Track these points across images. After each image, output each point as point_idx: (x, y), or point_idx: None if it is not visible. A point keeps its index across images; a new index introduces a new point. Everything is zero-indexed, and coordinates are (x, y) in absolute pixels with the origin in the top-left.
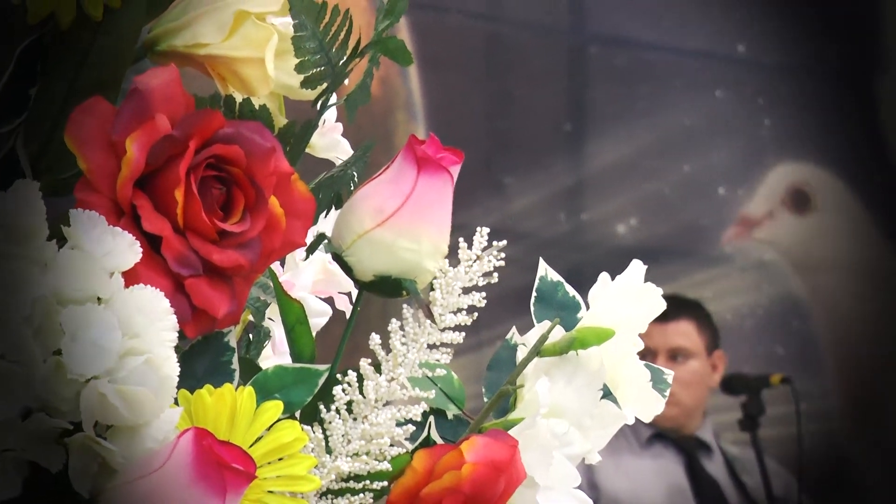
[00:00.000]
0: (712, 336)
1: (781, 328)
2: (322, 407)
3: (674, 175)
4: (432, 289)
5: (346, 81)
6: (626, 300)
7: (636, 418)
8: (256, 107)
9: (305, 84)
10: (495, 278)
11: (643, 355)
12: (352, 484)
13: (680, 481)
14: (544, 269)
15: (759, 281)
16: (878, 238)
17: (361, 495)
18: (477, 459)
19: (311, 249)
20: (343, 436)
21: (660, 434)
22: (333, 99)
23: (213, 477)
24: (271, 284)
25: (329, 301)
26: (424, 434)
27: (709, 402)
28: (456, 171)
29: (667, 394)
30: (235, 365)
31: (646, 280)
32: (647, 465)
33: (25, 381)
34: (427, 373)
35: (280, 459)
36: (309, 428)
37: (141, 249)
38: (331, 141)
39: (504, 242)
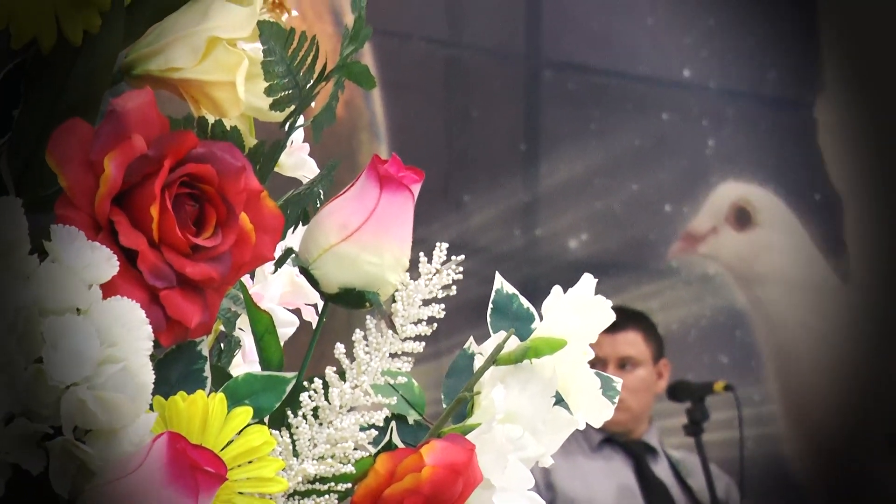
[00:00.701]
0: (658, 345)
1: (724, 338)
2: (289, 412)
3: (623, 193)
4: (394, 301)
5: (313, 104)
6: (578, 312)
7: (587, 423)
8: (228, 128)
9: (274, 106)
10: (454, 291)
11: (593, 364)
12: (318, 486)
13: (629, 483)
14: (500, 282)
15: (703, 293)
16: (815, 253)
17: (327, 496)
18: (436, 462)
19: (279, 263)
20: (309, 440)
21: (610, 438)
22: (301, 120)
23: (186, 478)
24: (241, 296)
25: (296, 312)
26: (386, 438)
27: (655, 408)
28: (417, 188)
29: (616, 400)
30: (207, 372)
31: (596, 293)
32: (598, 468)
33: (9, 388)
34: (389, 380)
35: (249, 462)
36: (277, 432)
37: (118, 263)
38: (298, 160)
39: (462, 257)
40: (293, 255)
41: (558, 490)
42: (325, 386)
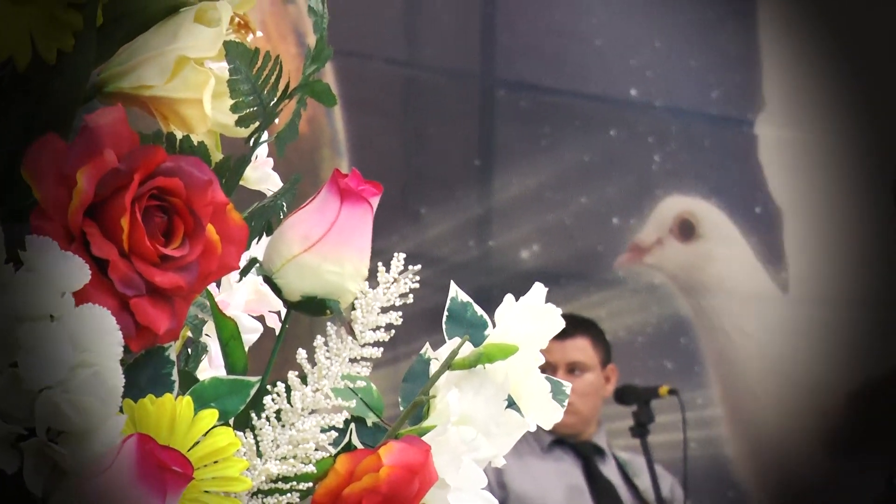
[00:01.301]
0: (606, 351)
1: (669, 344)
2: (253, 415)
3: (573, 206)
4: (354, 308)
5: (277, 121)
6: (529, 319)
7: (538, 426)
8: (195, 143)
9: (239, 123)
10: (411, 299)
11: (544, 369)
12: (280, 485)
13: (579, 482)
14: (455, 291)
15: (648, 302)
16: (756, 264)
17: (289, 495)
18: (393, 463)
19: (244, 272)
20: (272, 441)
21: (560, 440)
22: (265, 136)
23: (154, 478)
24: (208, 304)
25: (260, 319)
26: (346, 440)
27: (603, 411)
28: (375, 201)
29: (565, 404)
30: (175, 377)
31: (546, 301)
32: (549, 468)
33: None
34: (349, 384)
35: (215, 462)
36: (241, 434)
37: (90, 272)
38: (262, 174)
39: (419, 266)
40: (257, 265)
41: (510, 489)
42: (288, 389)
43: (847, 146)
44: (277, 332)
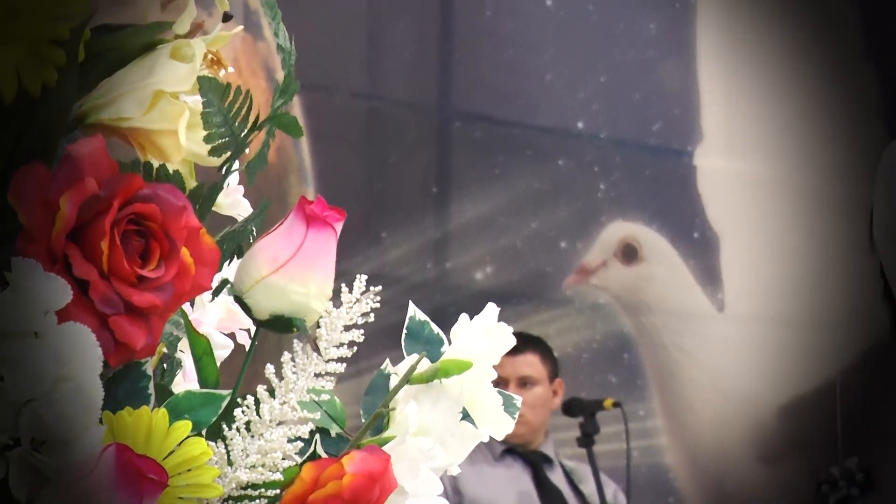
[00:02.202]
0: (554, 366)
1: (612, 360)
2: (224, 426)
3: (524, 230)
4: (318, 326)
5: (247, 150)
6: (482, 337)
7: (490, 436)
8: (171, 171)
9: (212, 153)
10: (372, 317)
11: (496, 383)
12: (249, 492)
13: (528, 489)
14: (413, 310)
15: (593, 320)
16: (694, 285)
17: (258, 502)
18: (355, 471)
19: (216, 292)
20: (242, 450)
21: (511, 449)
22: (236, 165)
23: (131, 485)
24: (182, 322)
25: (231, 336)
26: (311, 449)
27: (551, 422)
28: (339, 226)
29: (516, 416)
30: (151, 390)
31: (499, 320)
32: (501, 475)
33: None
34: (314, 397)
35: (189, 470)
36: (213, 444)
37: (71, 291)
38: (233, 200)
39: (379, 287)
40: (229, 286)
41: (465, 495)
42: (257, 402)
43: (780, 176)
44: (247, 349)
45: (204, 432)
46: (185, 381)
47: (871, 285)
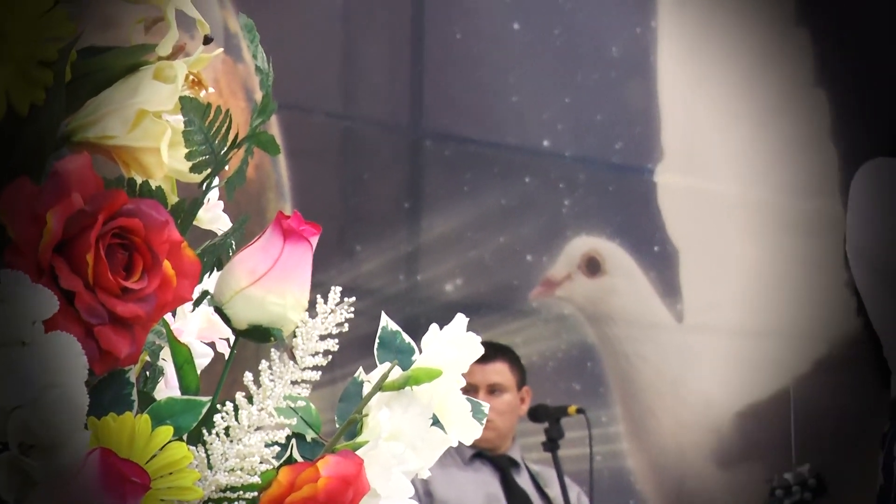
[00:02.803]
0: (522, 375)
1: (577, 368)
2: (205, 431)
3: (492, 244)
4: (295, 336)
5: (227, 167)
6: (452, 346)
7: (459, 441)
8: (153, 187)
9: (193, 169)
10: (346, 327)
11: (466, 390)
12: (228, 494)
13: (496, 491)
14: (386, 321)
15: (559, 330)
16: (654, 296)
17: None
18: (330, 474)
19: (197, 303)
20: (222, 455)
21: (480, 453)
22: (216, 181)
23: (115, 488)
24: (164, 331)
25: (211, 345)
26: (288, 454)
27: (518, 428)
28: (315, 240)
29: (484, 422)
30: (135, 397)
31: (468, 330)
32: (470, 478)
33: None
34: (290, 404)
35: (170, 473)
36: (194, 448)
37: (58, 302)
38: (214, 215)
39: (353, 298)
40: (209, 297)
41: (436, 497)
42: (236, 408)
43: (736, 193)
44: (227, 357)
45: (185, 437)
46: (167, 388)
47: (823, 297)
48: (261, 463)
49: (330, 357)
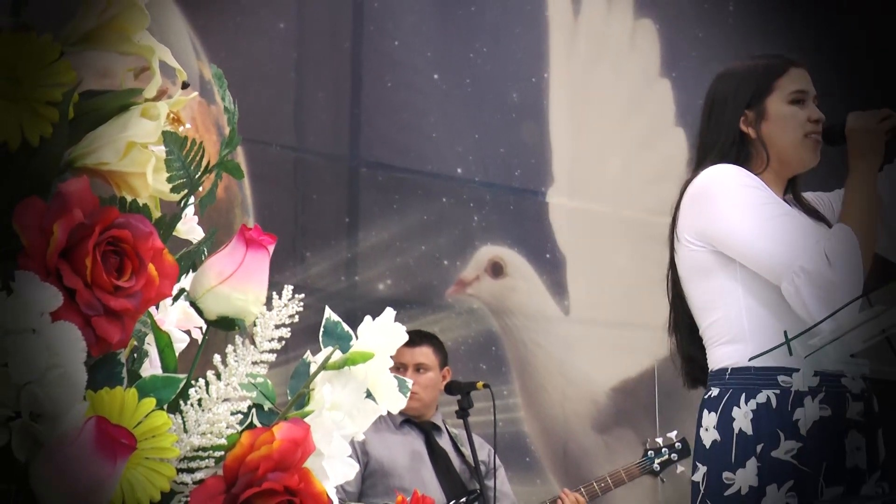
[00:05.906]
0: (444, 356)
1: (483, 352)
2: (181, 402)
3: (415, 252)
4: (255, 325)
5: (200, 189)
6: (382, 334)
7: (388, 410)
8: (140, 205)
9: (173, 190)
10: (297, 319)
11: (396, 368)
12: (200, 453)
13: (421, 449)
14: (329, 314)
15: (469, 321)
16: (546, 294)
17: (207, 461)
18: (283, 437)
19: (175, 298)
20: (195, 421)
21: (408, 419)
22: (192, 200)
23: (108, 448)
24: (149, 321)
25: (187, 332)
26: (249, 420)
27: (440, 399)
28: (272, 248)
29: (408, 395)
30: (124, 374)
31: (395, 321)
32: (399, 440)
33: None
34: (251, 380)
35: (153, 437)
36: (173, 416)
37: (62, 297)
38: (189, 227)
39: (303, 295)
40: (185, 293)
41: (371, 455)
42: (207, 384)
43: (610, 212)
44: (200, 342)
45: (165, 407)
46: (151, 368)
47: None
48: (227, 428)
49: (283, 342)
